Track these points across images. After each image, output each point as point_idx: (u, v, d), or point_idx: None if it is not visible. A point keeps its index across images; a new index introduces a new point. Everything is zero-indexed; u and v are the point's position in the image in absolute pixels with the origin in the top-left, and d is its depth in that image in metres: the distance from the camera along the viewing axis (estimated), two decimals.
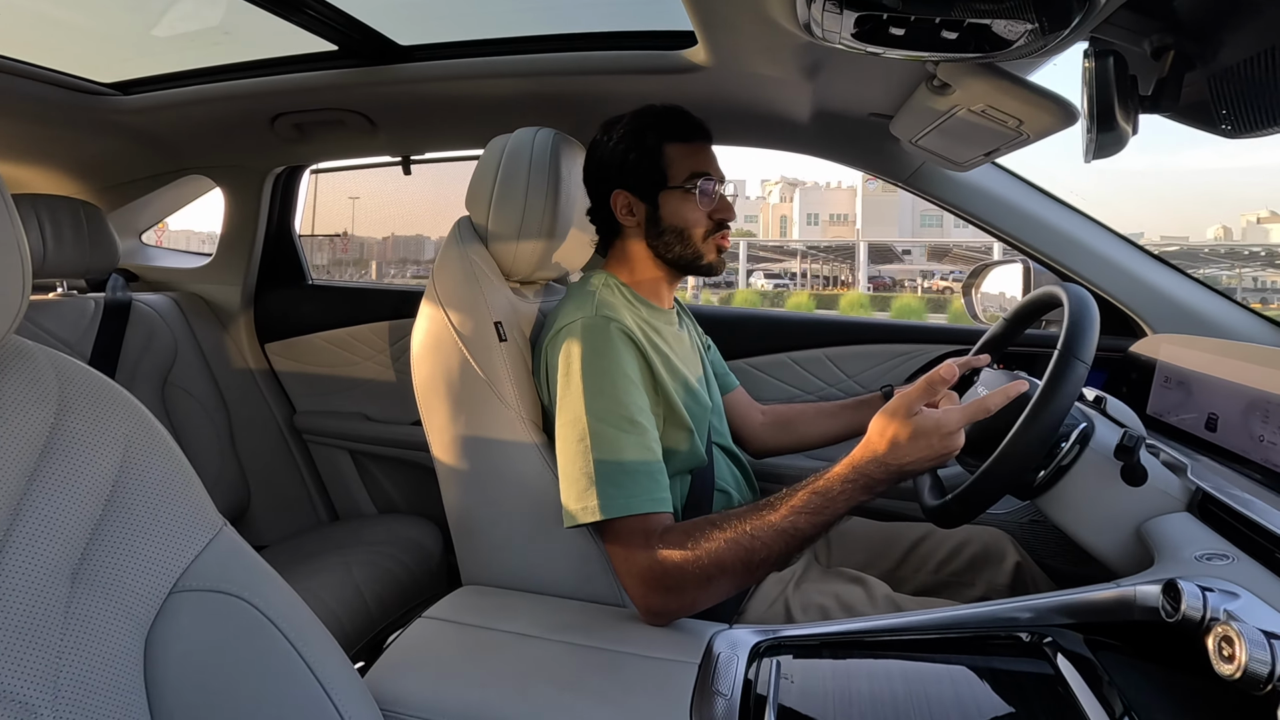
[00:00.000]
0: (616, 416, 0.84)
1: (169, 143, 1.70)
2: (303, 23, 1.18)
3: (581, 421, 0.84)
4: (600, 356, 0.87)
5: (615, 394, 0.86)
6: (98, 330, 1.49)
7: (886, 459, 0.76)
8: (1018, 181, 1.36)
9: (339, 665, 0.54)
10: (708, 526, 0.80)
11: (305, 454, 1.88)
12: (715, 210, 0.99)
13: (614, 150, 1.00)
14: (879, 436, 0.77)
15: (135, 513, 0.48)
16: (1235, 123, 0.65)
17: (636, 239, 1.02)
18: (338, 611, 1.28)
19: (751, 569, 0.78)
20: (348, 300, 1.85)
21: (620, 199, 1.00)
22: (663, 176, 0.98)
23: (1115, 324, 1.28)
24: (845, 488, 0.77)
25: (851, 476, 0.77)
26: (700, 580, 0.78)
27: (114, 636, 0.45)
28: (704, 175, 0.98)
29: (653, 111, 1.00)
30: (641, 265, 1.03)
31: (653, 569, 0.79)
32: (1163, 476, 0.81)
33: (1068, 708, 0.53)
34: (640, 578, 0.81)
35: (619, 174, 1.00)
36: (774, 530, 0.77)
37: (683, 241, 0.99)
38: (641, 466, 0.83)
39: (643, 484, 0.83)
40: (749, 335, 1.56)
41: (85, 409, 0.47)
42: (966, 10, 0.63)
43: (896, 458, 0.76)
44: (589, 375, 0.86)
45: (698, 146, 1.00)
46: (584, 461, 0.83)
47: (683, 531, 0.80)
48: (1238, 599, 0.57)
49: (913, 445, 0.75)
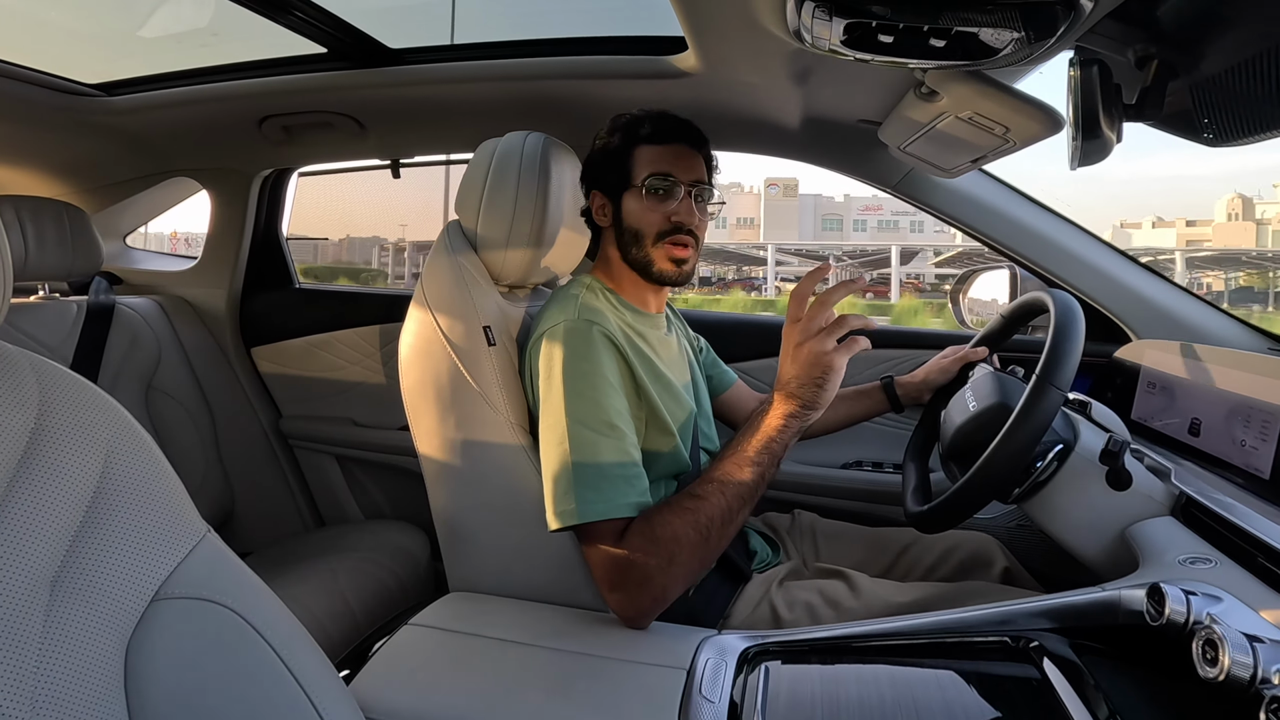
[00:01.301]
0: (596, 420, 0.85)
1: (155, 144, 1.68)
2: (291, 25, 1.17)
3: (561, 424, 0.84)
4: (581, 359, 0.87)
5: (595, 397, 0.86)
6: (80, 334, 1.47)
7: (778, 384, 0.84)
8: (1004, 188, 1.37)
9: (324, 673, 0.53)
10: (660, 506, 0.83)
11: (291, 459, 1.86)
12: (673, 213, 0.97)
13: (594, 153, 1.02)
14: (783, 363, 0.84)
15: (117, 519, 0.47)
16: (1217, 131, 0.66)
17: (610, 242, 1.03)
18: (323, 619, 1.26)
19: (704, 532, 0.80)
20: (335, 304, 1.84)
21: (596, 200, 1.03)
22: (627, 177, 0.98)
23: (1100, 329, 1.29)
24: (751, 420, 0.85)
25: (756, 409, 0.85)
26: (662, 563, 0.79)
27: (94, 646, 0.44)
28: (661, 175, 0.96)
29: (631, 114, 1.01)
30: (619, 269, 1.03)
31: (620, 568, 0.80)
32: (1147, 481, 0.82)
33: (1054, 711, 0.54)
34: (611, 581, 0.81)
35: (594, 175, 1.02)
36: (710, 484, 0.82)
37: (638, 244, 0.98)
38: (619, 470, 0.83)
39: (619, 488, 0.83)
40: (742, 340, 1.57)
41: (66, 413, 0.47)
42: (954, 18, 0.64)
43: (784, 381, 0.83)
44: (569, 378, 0.86)
45: (670, 148, 0.98)
46: (562, 464, 0.83)
47: (641, 519, 0.82)
48: (1220, 602, 0.58)
49: (790, 362, 0.83)
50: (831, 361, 0.80)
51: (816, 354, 0.80)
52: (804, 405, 0.82)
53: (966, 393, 1.00)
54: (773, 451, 0.83)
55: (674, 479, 0.97)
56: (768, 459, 0.83)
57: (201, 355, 1.73)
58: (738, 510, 0.82)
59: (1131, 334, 1.29)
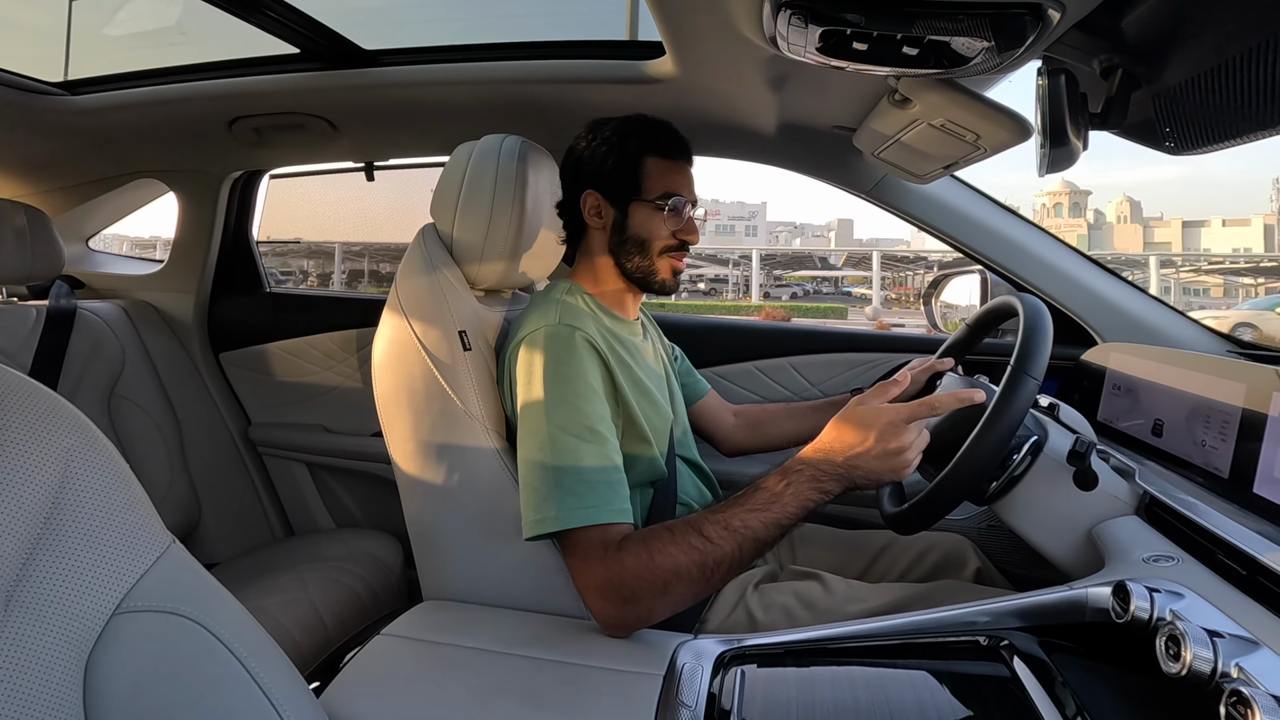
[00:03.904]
0: (577, 425, 0.84)
1: (120, 145, 1.64)
2: (262, 24, 1.15)
3: (542, 430, 0.83)
4: (563, 365, 0.86)
5: (577, 403, 0.85)
6: (39, 339, 1.43)
7: (834, 453, 0.78)
8: (976, 195, 1.40)
9: (294, 686, 0.52)
10: (663, 533, 0.79)
11: (260, 467, 1.83)
12: (680, 230, 1.00)
13: (594, 151, 1.00)
14: (831, 431, 0.80)
15: (76, 531, 0.45)
16: (1178, 140, 0.68)
17: (600, 245, 1.02)
18: (293, 630, 1.24)
19: (707, 573, 0.77)
20: (306, 309, 1.81)
21: (590, 200, 1.01)
22: (637, 187, 0.99)
23: (1068, 333, 1.32)
24: (793, 481, 0.78)
25: (799, 468, 0.78)
26: (656, 589, 0.77)
27: (51, 663, 0.42)
28: (678, 195, 0.99)
29: (640, 120, 1.01)
30: (605, 275, 1.03)
31: (609, 580, 0.78)
32: (1112, 481, 0.83)
33: (1023, 709, 0.54)
34: (597, 590, 0.79)
35: (594, 175, 1.00)
36: (727, 531, 0.77)
37: (642, 253, 1.00)
38: (601, 476, 0.82)
39: (602, 494, 0.82)
40: (714, 344, 1.57)
41: (22, 421, 0.45)
42: (927, 27, 0.65)
43: (845, 452, 0.78)
44: (551, 383, 0.85)
45: (678, 165, 1.02)
46: (543, 471, 0.82)
47: (639, 540, 0.79)
48: (1183, 599, 0.59)
49: (860, 439, 0.77)
50: (907, 465, 0.78)
51: (902, 453, 0.77)
52: (852, 487, 0.78)
53: None
54: (802, 518, 0.79)
55: (650, 486, 0.97)
56: (795, 523, 0.79)
57: (167, 361, 1.69)
58: (747, 560, 0.79)
59: (1097, 337, 1.32)
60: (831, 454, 0.78)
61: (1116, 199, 69.09)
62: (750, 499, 0.79)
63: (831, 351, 1.54)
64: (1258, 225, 58.42)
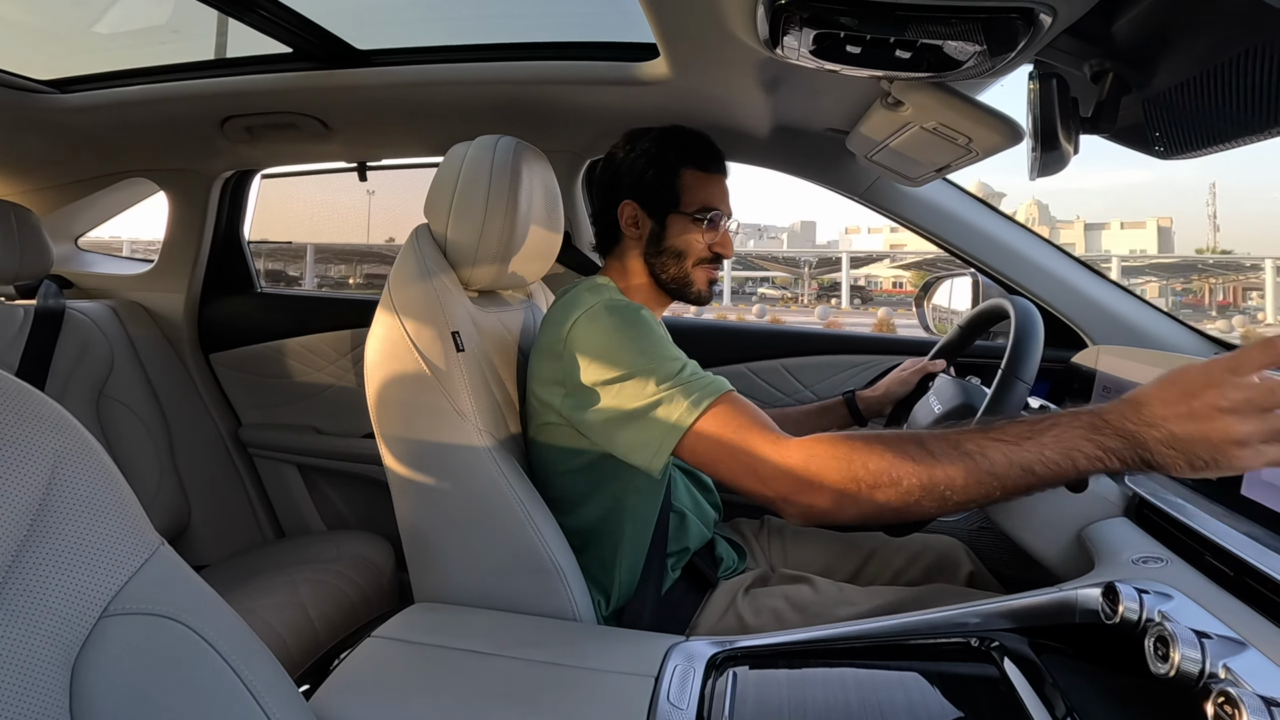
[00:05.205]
0: (667, 358, 0.84)
1: (110, 144, 1.63)
2: (255, 23, 1.14)
3: (637, 372, 0.82)
4: (632, 325, 0.87)
5: (661, 346, 0.86)
6: (27, 339, 1.42)
7: (1137, 403, 0.60)
8: (968, 197, 1.40)
9: (284, 689, 0.52)
10: (869, 434, 0.71)
11: (250, 469, 1.81)
12: (716, 244, 1.02)
13: (634, 163, 1.02)
14: (1157, 381, 0.61)
15: (63, 533, 0.45)
16: (1167, 144, 0.68)
17: (635, 252, 1.03)
18: (283, 633, 1.23)
19: (916, 485, 0.65)
20: (298, 309, 1.80)
21: (628, 210, 1.02)
22: (676, 199, 1.00)
23: (1058, 336, 1.33)
24: (1063, 421, 0.62)
25: (1078, 410, 0.63)
26: (842, 473, 0.68)
27: (37, 666, 0.42)
28: (716, 210, 1.01)
29: (679, 133, 1.03)
30: (636, 279, 1.04)
31: (776, 438, 0.75)
32: (1102, 483, 0.84)
33: (1013, 709, 0.55)
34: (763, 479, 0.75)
35: (632, 186, 1.02)
36: (955, 450, 0.64)
37: (678, 264, 1.02)
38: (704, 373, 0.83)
39: (711, 379, 0.82)
40: (706, 346, 1.57)
41: (9, 422, 0.45)
42: (920, 31, 0.65)
43: (1151, 404, 0.59)
44: (627, 339, 0.86)
45: (715, 178, 1.03)
46: (652, 398, 0.81)
47: (828, 441, 0.72)
48: (1171, 600, 0.60)
49: (1181, 396, 0.58)
50: (1235, 456, 0.58)
51: (1231, 433, 0.57)
52: (1145, 455, 0.60)
53: (930, 399, 1.02)
54: (1068, 477, 0.63)
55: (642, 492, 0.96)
56: (1054, 478, 0.63)
57: (157, 361, 1.67)
58: (976, 495, 0.64)
59: (1088, 340, 1.33)
60: (1133, 402, 0.61)
61: (1027, 202, 73.43)
62: (1000, 428, 0.65)
63: (824, 354, 1.54)
64: (1152, 228, 63.13)
